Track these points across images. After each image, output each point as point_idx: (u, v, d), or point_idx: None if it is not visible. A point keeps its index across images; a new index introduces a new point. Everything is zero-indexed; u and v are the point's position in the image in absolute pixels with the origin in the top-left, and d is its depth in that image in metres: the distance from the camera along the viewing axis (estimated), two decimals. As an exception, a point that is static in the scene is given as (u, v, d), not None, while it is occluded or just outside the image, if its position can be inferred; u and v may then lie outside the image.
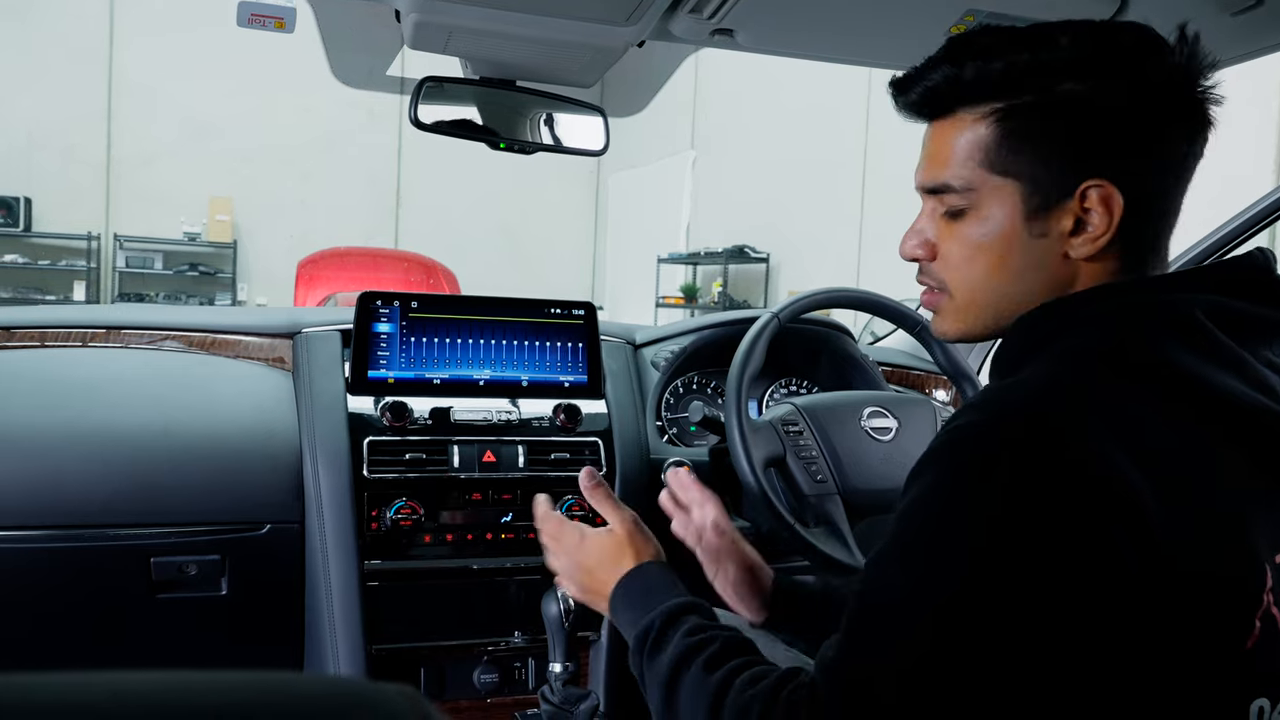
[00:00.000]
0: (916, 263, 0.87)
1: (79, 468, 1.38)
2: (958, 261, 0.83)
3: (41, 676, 0.27)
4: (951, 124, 0.80)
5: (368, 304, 1.58)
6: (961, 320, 0.85)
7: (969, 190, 0.80)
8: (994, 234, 0.80)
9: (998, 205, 0.79)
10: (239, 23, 1.29)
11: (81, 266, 9.72)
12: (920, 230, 0.86)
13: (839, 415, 1.59)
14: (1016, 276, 0.81)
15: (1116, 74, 0.75)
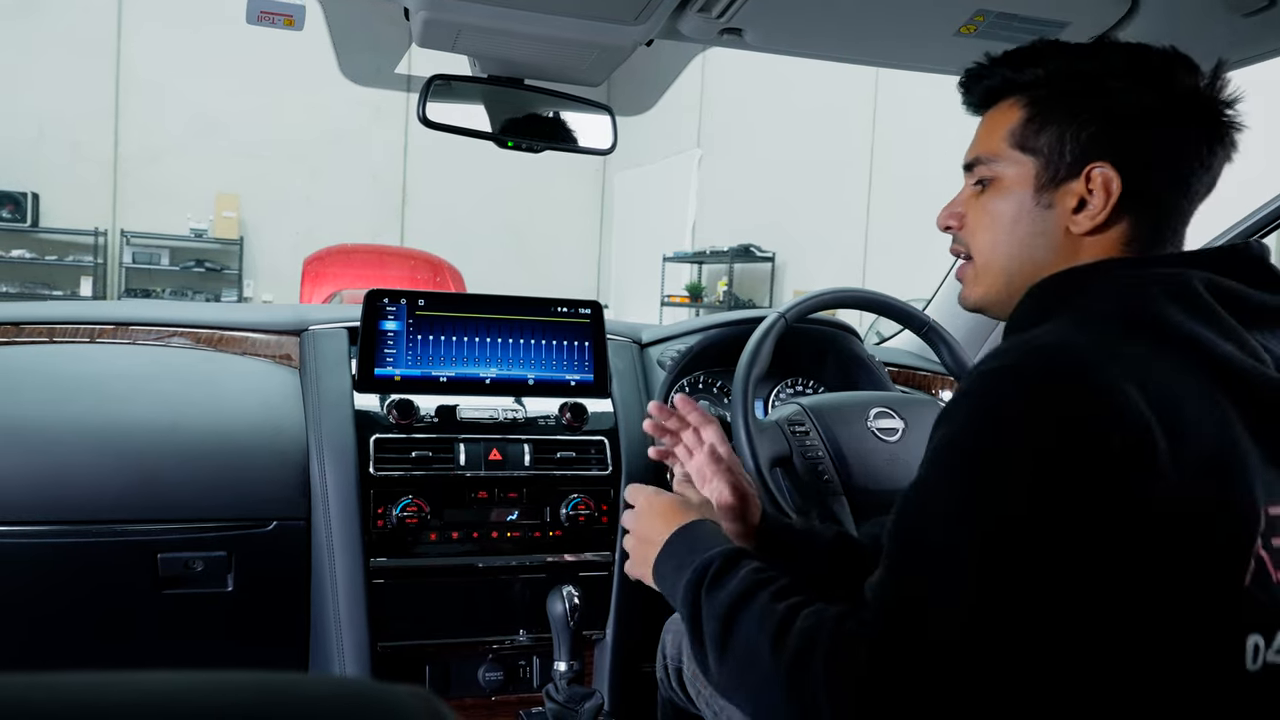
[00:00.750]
0: (949, 232, 0.99)
1: (87, 463, 1.38)
2: (977, 227, 0.95)
3: (47, 677, 0.27)
4: (996, 112, 0.94)
5: (375, 302, 1.58)
6: (981, 284, 0.96)
7: (994, 161, 0.92)
8: (1008, 202, 0.92)
9: (1015, 177, 0.91)
10: (248, 20, 1.29)
11: (88, 262, 9.74)
12: (955, 204, 0.99)
13: (845, 415, 1.58)
14: (1024, 243, 0.91)
15: (1145, 82, 0.86)
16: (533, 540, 1.58)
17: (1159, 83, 0.86)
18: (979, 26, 1.29)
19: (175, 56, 9.59)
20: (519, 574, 1.58)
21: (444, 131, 1.46)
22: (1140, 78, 0.86)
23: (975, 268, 0.96)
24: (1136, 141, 0.86)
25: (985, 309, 0.98)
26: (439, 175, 10.65)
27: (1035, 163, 0.90)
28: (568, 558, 1.60)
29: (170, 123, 9.76)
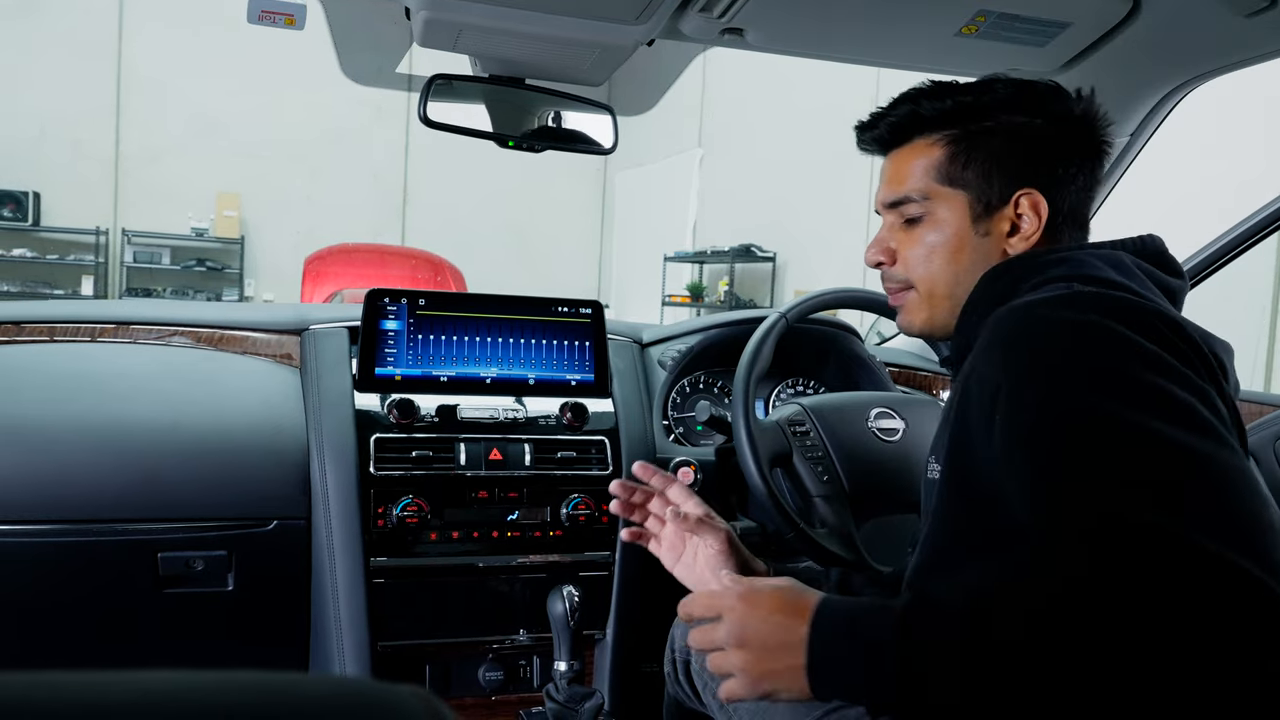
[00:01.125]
0: (879, 268, 1.05)
1: (87, 462, 1.38)
2: (918, 261, 1.01)
3: (49, 675, 0.27)
4: (909, 150, 1.01)
5: (376, 301, 1.58)
6: (925, 310, 1.02)
7: (925, 199, 0.99)
8: (948, 235, 0.99)
9: (949, 211, 0.99)
10: (249, 19, 1.29)
11: (90, 261, 9.74)
12: (881, 240, 1.04)
13: (846, 416, 1.58)
14: (967, 269, 0.99)
15: (1036, 113, 0.97)
16: (533, 540, 1.58)
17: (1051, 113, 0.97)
18: (980, 27, 1.29)
19: (176, 55, 9.59)
20: (519, 574, 1.58)
21: (445, 131, 1.46)
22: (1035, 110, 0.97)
23: (919, 295, 1.02)
24: (1050, 166, 0.97)
25: (931, 333, 1.04)
26: (440, 175, 10.65)
27: (966, 196, 0.98)
28: (568, 557, 1.60)
29: (171, 122, 9.76)
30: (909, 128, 1.01)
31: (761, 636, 0.79)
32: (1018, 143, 0.97)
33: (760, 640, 0.79)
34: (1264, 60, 1.31)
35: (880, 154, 1.06)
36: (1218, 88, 1.44)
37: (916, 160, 1.00)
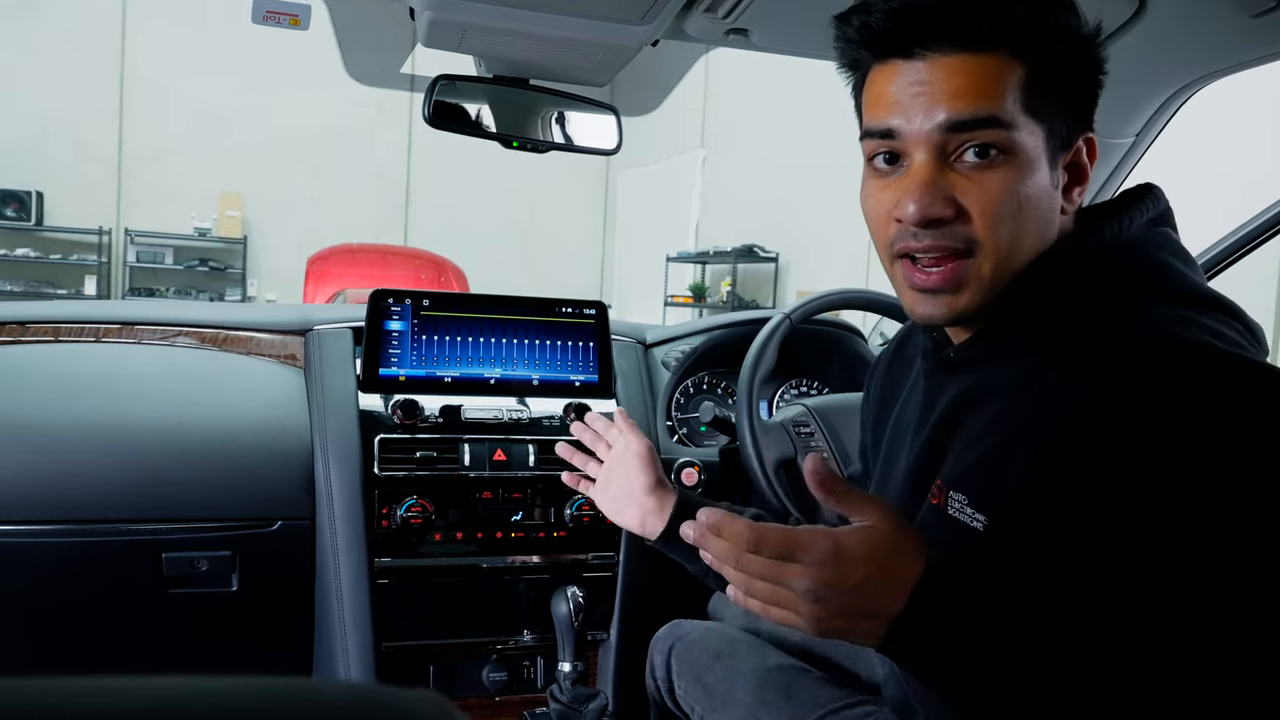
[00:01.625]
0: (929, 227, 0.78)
1: (92, 463, 1.38)
2: (998, 214, 0.76)
3: (59, 681, 0.27)
4: (989, 60, 0.76)
5: (379, 302, 1.58)
6: (989, 287, 0.79)
7: (1013, 128, 0.75)
8: (1035, 182, 0.77)
9: (1033, 151, 0.76)
10: (254, 19, 1.29)
11: (93, 261, 9.75)
12: (933, 184, 0.77)
13: (850, 416, 1.58)
14: (1039, 232, 0.79)
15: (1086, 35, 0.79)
16: (537, 541, 1.58)
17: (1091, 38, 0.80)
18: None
19: (179, 55, 9.60)
20: (523, 574, 1.58)
21: (449, 131, 1.46)
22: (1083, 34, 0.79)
23: (983, 266, 0.78)
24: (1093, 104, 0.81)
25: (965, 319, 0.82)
26: (442, 175, 10.66)
27: (1043, 132, 0.77)
28: (571, 558, 1.60)
29: (174, 121, 9.77)
30: (996, 32, 0.75)
31: (845, 603, 0.70)
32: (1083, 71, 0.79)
33: (841, 605, 0.70)
34: (1272, 60, 1.31)
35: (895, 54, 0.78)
36: (1222, 87, 1.44)
37: (1000, 75, 0.75)
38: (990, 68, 0.75)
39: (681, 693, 1.21)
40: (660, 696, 1.26)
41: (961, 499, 0.79)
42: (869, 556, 0.70)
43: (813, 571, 0.69)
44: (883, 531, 0.71)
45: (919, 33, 0.76)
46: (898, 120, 0.78)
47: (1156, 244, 0.80)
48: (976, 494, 0.77)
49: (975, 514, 0.77)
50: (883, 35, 0.78)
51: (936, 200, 0.76)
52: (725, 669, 1.16)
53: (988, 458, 0.78)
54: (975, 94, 0.75)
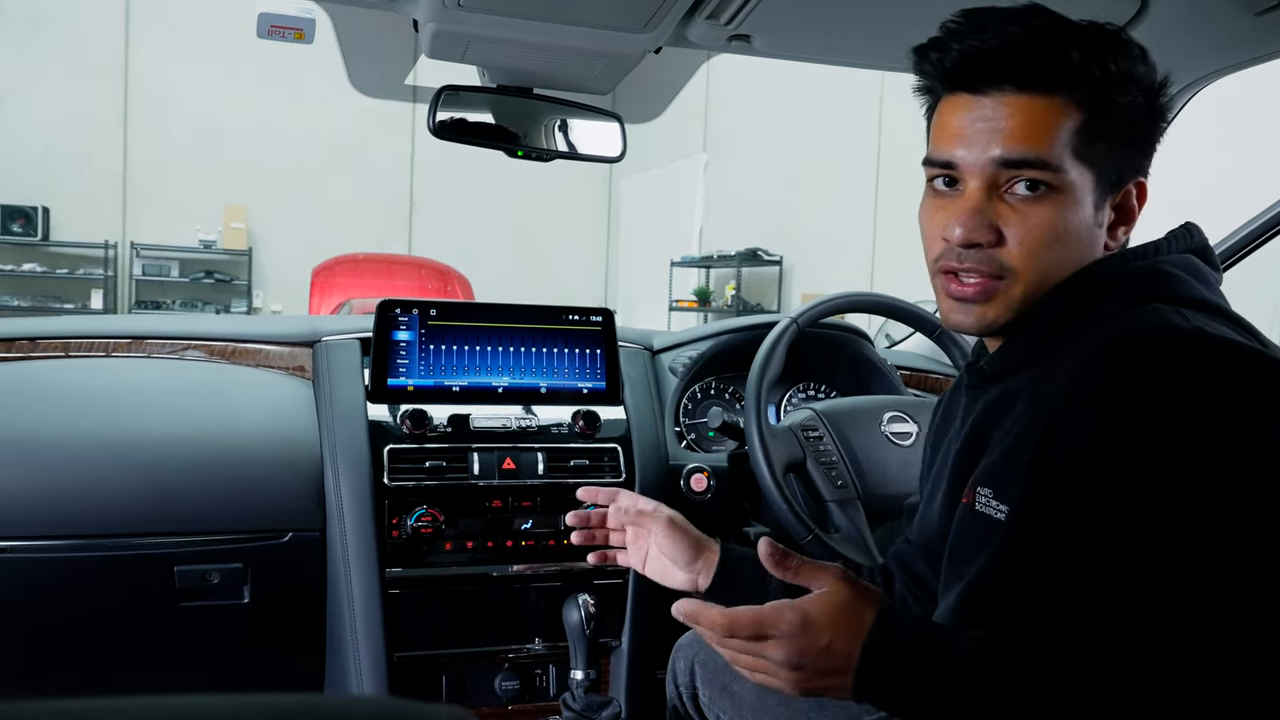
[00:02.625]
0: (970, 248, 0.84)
1: (103, 477, 1.38)
2: (1038, 246, 0.83)
3: (66, 703, 0.27)
4: (1043, 103, 0.82)
5: (387, 312, 1.58)
6: (1017, 307, 0.85)
7: (1059, 170, 0.82)
8: (1077, 218, 0.83)
9: (1082, 191, 0.83)
10: (259, 34, 1.30)
11: (99, 275, 9.78)
12: (981, 210, 0.84)
13: (859, 420, 1.58)
14: (1076, 264, 0.85)
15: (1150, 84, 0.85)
16: (547, 549, 1.58)
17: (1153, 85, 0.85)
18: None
19: (182, 68, 9.63)
20: (534, 583, 1.58)
21: (454, 142, 1.46)
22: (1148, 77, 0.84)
23: (1014, 289, 0.84)
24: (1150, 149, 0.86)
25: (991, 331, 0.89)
26: (446, 184, 10.67)
27: (1093, 176, 0.83)
28: (583, 566, 1.59)
29: (178, 134, 9.80)
30: (1055, 77, 0.81)
31: (819, 665, 0.78)
32: (1139, 118, 0.84)
33: (816, 668, 0.78)
34: (1274, 59, 1.31)
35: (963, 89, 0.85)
36: (1222, 84, 1.44)
37: (1055, 118, 0.81)
38: (1046, 110, 0.82)
39: (706, 700, 1.21)
40: (681, 704, 1.26)
41: (987, 493, 0.84)
42: (833, 619, 0.78)
43: (785, 644, 0.78)
44: (840, 593, 0.79)
45: (985, 71, 0.83)
46: (960, 151, 0.85)
47: (1175, 264, 0.84)
48: (999, 486, 0.83)
49: (999, 506, 0.82)
50: (953, 71, 0.85)
51: (980, 227, 0.83)
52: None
53: (1007, 452, 0.83)
54: (1027, 135, 0.82)
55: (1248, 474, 0.67)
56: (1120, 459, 0.71)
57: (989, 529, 0.82)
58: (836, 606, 0.79)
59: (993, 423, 0.87)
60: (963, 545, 0.88)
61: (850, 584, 0.80)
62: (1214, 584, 0.67)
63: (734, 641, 0.80)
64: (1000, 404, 0.87)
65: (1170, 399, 0.70)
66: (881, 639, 0.77)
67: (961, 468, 0.91)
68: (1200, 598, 0.67)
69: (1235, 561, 0.66)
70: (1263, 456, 0.68)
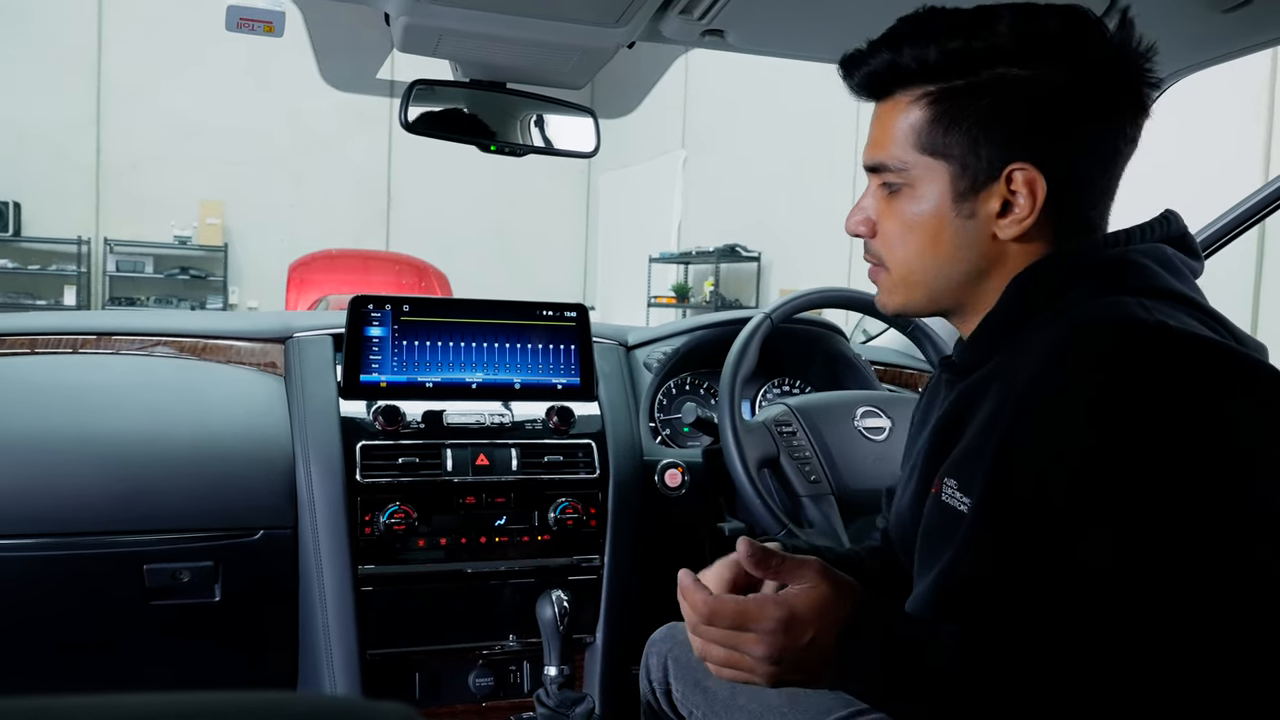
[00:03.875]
0: (859, 238, 0.92)
1: (71, 475, 1.37)
2: (894, 239, 0.88)
3: (33, 701, 0.27)
4: (890, 106, 0.85)
5: (359, 308, 1.57)
6: (899, 294, 0.91)
7: (903, 169, 0.85)
8: (926, 213, 0.85)
9: (929, 185, 0.84)
10: (228, 27, 1.28)
11: (72, 271, 9.68)
12: (864, 208, 0.91)
13: (832, 415, 1.59)
14: (948, 256, 0.86)
15: (1053, 58, 0.79)
16: (521, 545, 1.57)
17: (1066, 56, 0.78)
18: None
19: (156, 63, 9.54)
20: (508, 579, 1.57)
21: (427, 136, 1.46)
22: (1046, 55, 0.78)
23: (892, 278, 0.90)
24: (1055, 132, 0.80)
25: (906, 314, 0.95)
26: (424, 179, 10.63)
27: (948, 168, 0.83)
28: (557, 562, 1.59)
29: (152, 130, 9.71)
30: (888, 80, 0.84)
31: (800, 660, 0.78)
32: (1016, 102, 0.79)
33: (796, 663, 0.78)
34: (1242, 55, 1.32)
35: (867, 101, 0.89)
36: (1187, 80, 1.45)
37: (897, 119, 0.84)
38: (889, 115, 0.86)
39: (679, 696, 1.21)
40: (655, 699, 1.25)
41: (953, 484, 0.84)
42: (816, 615, 0.77)
43: (767, 639, 0.77)
44: (821, 588, 0.79)
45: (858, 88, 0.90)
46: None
47: (1145, 254, 0.82)
48: (963, 479, 0.83)
49: (963, 498, 0.82)
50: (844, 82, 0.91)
51: (855, 220, 0.91)
52: None
53: (971, 445, 0.83)
54: (873, 142, 0.88)
55: (1207, 467, 0.67)
56: (1081, 454, 0.70)
57: (954, 520, 0.83)
58: (819, 602, 0.78)
59: (962, 414, 0.88)
60: (931, 536, 0.88)
61: (829, 577, 0.80)
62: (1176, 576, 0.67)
63: (711, 631, 0.79)
64: (970, 395, 0.87)
65: (1130, 393, 0.70)
66: (858, 630, 0.77)
67: (932, 459, 0.91)
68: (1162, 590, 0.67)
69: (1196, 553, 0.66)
70: (1222, 449, 0.68)
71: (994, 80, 0.80)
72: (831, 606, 0.78)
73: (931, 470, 0.90)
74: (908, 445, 1.06)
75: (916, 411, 1.07)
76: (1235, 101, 4.18)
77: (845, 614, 0.77)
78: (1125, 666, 0.68)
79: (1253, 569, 0.65)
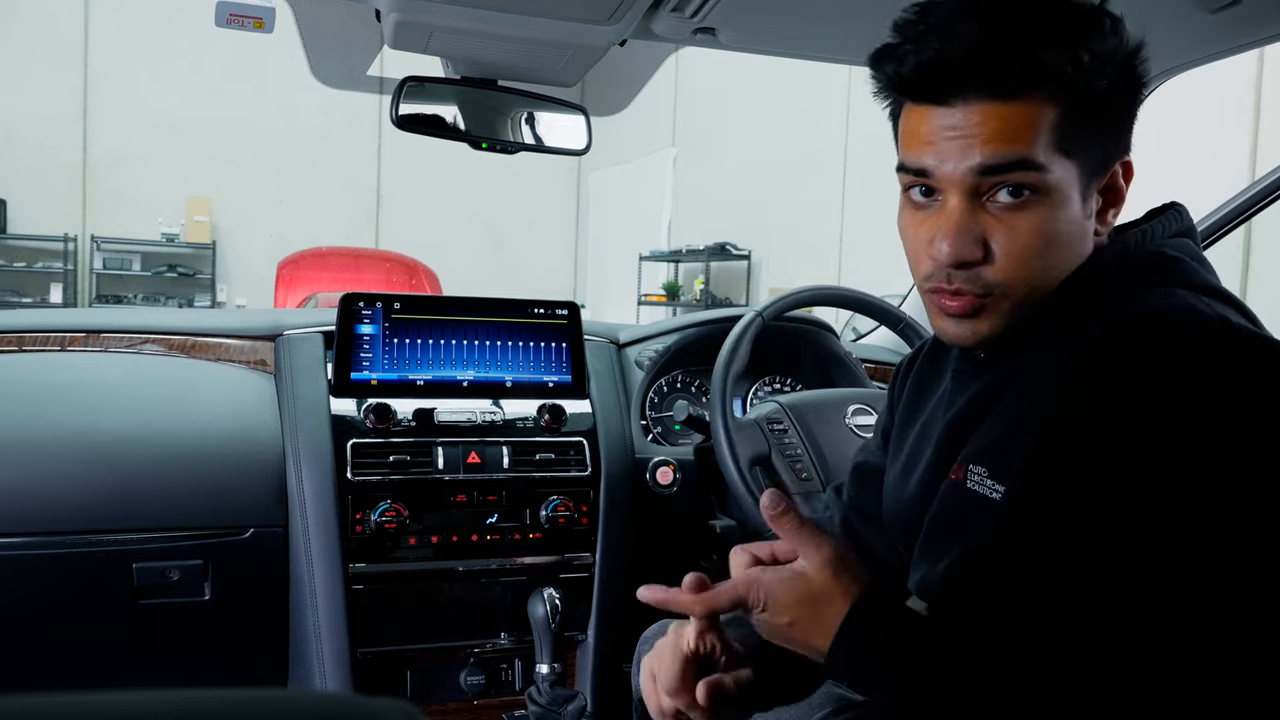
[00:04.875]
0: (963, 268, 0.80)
1: (59, 474, 1.36)
2: (1025, 254, 0.79)
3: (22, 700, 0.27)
4: (1021, 106, 0.77)
5: (350, 305, 1.57)
6: (1008, 319, 0.82)
7: (1043, 170, 0.77)
8: (1066, 219, 0.79)
9: (1066, 187, 0.78)
10: (217, 23, 1.28)
11: (58, 268, 9.62)
12: (966, 228, 0.79)
13: (823, 413, 1.59)
14: (1070, 260, 0.81)
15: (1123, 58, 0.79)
16: (512, 543, 1.57)
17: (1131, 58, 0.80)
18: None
19: (143, 59, 9.50)
20: (499, 577, 1.57)
21: (417, 134, 1.45)
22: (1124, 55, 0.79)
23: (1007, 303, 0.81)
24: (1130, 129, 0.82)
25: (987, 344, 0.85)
26: (414, 176, 10.61)
27: (1077, 167, 0.79)
28: (548, 560, 1.59)
29: (139, 126, 9.66)
30: (1025, 79, 0.76)
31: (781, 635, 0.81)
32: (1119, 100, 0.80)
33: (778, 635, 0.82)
34: (1229, 55, 1.33)
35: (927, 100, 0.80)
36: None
37: (1032, 119, 0.76)
38: (1022, 113, 0.77)
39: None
40: None
41: (981, 471, 0.82)
42: (796, 603, 0.80)
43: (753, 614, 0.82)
44: (813, 580, 0.80)
45: (950, 83, 0.78)
46: (931, 160, 0.80)
47: (1175, 248, 0.83)
48: (995, 466, 0.81)
49: (995, 485, 0.80)
50: (911, 84, 0.80)
51: (968, 243, 0.79)
52: None
53: (1006, 433, 0.81)
54: (1007, 139, 0.77)
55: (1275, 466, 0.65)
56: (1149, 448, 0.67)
57: (980, 507, 0.80)
58: (804, 593, 0.79)
59: (988, 403, 0.86)
60: (948, 521, 0.86)
61: (829, 572, 0.79)
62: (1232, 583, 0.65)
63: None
64: (997, 389, 0.85)
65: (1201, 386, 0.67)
66: (850, 637, 0.78)
67: (949, 445, 0.89)
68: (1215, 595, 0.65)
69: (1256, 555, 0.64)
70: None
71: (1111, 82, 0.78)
72: (818, 599, 0.79)
73: (947, 458, 0.88)
74: (895, 433, 1.03)
75: (896, 399, 1.05)
76: (1220, 101, 4.21)
77: (839, 616, 0.78)
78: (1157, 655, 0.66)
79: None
